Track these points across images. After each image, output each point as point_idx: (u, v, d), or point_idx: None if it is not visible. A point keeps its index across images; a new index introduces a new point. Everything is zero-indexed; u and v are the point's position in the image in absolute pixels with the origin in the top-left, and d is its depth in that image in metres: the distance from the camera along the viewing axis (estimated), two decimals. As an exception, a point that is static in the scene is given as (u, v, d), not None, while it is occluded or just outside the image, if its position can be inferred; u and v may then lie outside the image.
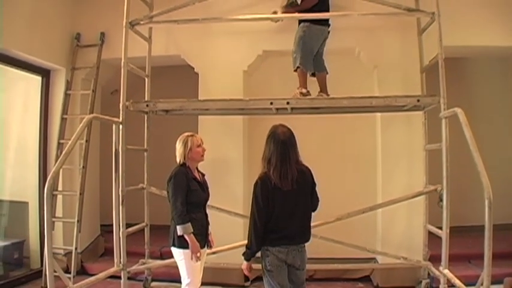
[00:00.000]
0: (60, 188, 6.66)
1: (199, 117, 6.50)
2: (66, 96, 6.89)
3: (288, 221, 3.51)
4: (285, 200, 3.48)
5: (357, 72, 6.88)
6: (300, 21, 5.65)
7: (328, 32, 5.72)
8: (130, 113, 5.55)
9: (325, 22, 5.62)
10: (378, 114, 6.33)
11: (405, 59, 6.25)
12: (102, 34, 6.97)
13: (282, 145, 3.49)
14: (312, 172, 3.71)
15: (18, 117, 7.03)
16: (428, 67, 5.81)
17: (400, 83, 6.21)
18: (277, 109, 5.44)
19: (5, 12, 5.73)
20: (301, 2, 5.64)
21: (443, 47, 5.20)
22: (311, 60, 5.56)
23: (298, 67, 5.51)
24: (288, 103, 5.25)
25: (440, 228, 5.09)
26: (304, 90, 5.50)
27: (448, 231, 4.98)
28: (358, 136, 6.98)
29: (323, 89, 5.73)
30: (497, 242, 4.10)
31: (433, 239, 5.74)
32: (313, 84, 5.72)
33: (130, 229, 5.69)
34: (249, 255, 3.57)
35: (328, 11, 5.71)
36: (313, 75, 5.72)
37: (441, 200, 5.15)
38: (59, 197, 6.67)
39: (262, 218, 3.47)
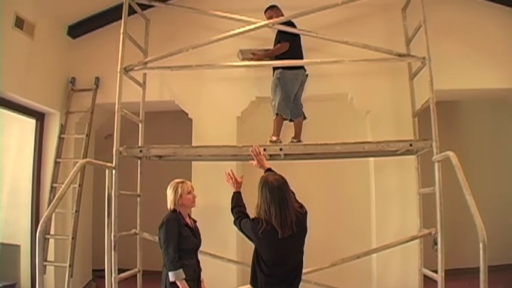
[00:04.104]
0: (52, 231, 6.60)
1: (193, 162, 6.53)
2: (60, 140, 6.90)
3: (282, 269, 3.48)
4: (283, 246, 3.42)
5: (350, 118, 6.95)
6: (274, 68, 5.78)
7: (307, 76, 5.81)
8: (124, 158, 5.53)
9: (299, 66, 5.74)
10: (371, 158, 6.35)
11: (397, 103, 6.36)
12: (97, 79, 7.05)
13: (278, 191, 3.40)
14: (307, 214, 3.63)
15: (12, 160, 7.00)
16: (420, 111, 5.85)
17: (392, 127, 6.29)
18: (270, 155, 5.44)
19: (3, 56, 5.79)
20: (273, 48, 5.81)
21: (434, 90, 5.25)
22: (289, 105, 5.64)
23: (277, 114, 5.61)
24: (281, 149, 5.27)
25: (436, 271, 5.03)
26: (274, 138, 5.58)
27: (443, 274, 4.91)
28: (352, 180, 6.97)
29: (297, 135, 5.81)
30: (493, 283, 4.07)
31: (428, 282, 5.65)
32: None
33: (122, 274, 5.59)
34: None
35: (301, 54, 5.83)
36: (290, 120, 5.80)
37: (436, 244, 5.12)
38: (51, 241, 6.59)
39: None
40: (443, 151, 4.73)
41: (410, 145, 5.20)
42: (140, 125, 6.43)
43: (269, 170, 3.90)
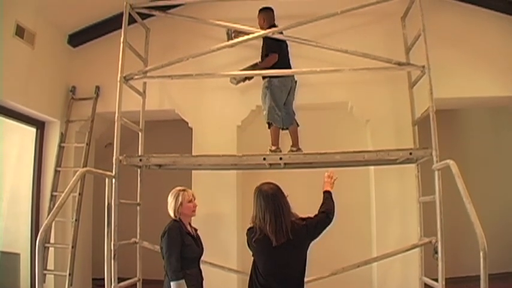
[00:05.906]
0: (52, 240, 6.58)
1: (193, 171, 6.52)
2: (60, 148, 6.90)
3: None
4: (278, 255, 3.41)
5: (350, 127, 6.99)
6: (263, 77, 5.77)
7: (295, 82, 5.80)
8: (124, 167, 5.51)
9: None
10: (371, 167, 6.35)
11: (397, 112, 6.36)
12: (97, 88, 7.06)
13: (273, 197, 3.44)
14: (307, 224, 3.63)
15: (12, 168, 6.99)
16: (420, 119, 5.83)
17: (392, 136, 6.28)
18: (270, 164, 5.44)
19: (4, 64, 5.81)
20: (262, 61, 5.80)
21: (434, 99, 5.23)
22: (279, 113, 5.60)
23: (269, 123, 5.63)
24: (280, 159, 5.27)
25: (436, 280, 5.00)
26: (273, 148, 5.58)
27: (444, 283, 4.89)
28: (352, 189, 6.90)
29: (295, 143, 5.78)
30: (495, 292, 4.07)
31: (429, 291, 5.66)
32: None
33: (122, 284, 5.56)
34: None
35: (288, 60, 5.81)
36: (284, 129, 5.78)
37: (436, 252, 5.10)
38: (51, 250, 6.56)
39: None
40: (443, 159, 4.72)
41: (410, 154, 5.17)
42: (140, 134, 6.42)
43: (328, 192, 4.23)
